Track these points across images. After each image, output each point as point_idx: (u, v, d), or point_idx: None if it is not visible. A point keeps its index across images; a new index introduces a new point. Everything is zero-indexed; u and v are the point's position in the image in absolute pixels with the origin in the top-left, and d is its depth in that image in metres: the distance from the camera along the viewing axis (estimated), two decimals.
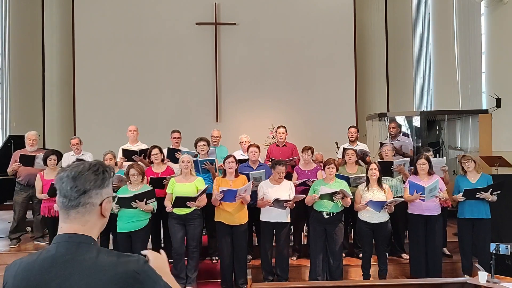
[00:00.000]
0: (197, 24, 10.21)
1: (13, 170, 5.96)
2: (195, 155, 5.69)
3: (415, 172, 5.15)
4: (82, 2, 10.22)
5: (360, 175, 5.35)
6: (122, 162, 5.92)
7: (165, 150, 5.79)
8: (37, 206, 5.91)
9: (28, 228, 6.72)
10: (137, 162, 5.54)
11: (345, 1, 10.50)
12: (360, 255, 5.37)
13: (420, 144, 7.28)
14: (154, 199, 4.84)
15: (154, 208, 4.89)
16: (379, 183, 5.01)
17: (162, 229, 5.57)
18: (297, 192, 5.16)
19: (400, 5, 10.91)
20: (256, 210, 5.23)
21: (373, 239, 5.09)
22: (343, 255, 5.38)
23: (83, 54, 10.18)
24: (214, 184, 5.07)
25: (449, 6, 8.68)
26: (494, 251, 4.46)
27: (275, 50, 10.34)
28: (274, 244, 5.20)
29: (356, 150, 5.76)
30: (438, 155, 7.24)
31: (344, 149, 5.99)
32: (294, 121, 9.45)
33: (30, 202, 6.11)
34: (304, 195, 5.09)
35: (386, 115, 8.23)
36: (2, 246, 6.11)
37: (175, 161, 5.66)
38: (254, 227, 5.62)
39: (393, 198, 4.95)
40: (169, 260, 5.67)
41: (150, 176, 5.31)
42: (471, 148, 7.51)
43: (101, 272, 1.26)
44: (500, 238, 5.39)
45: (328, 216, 4.95)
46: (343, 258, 5.27)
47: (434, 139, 7.92)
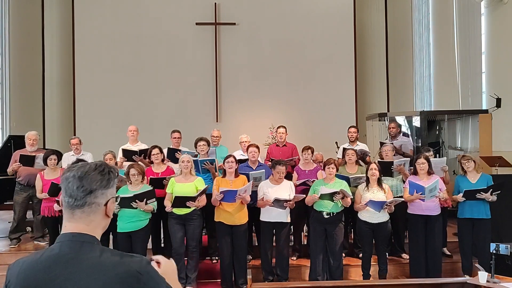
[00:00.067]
0: (197, 24, 10.21)
1: (13, 170, 5.96)
2: (195, 155, 5.69)
3: (415, 172, 5.15)
4: (82, 2, 10.23)
5: (360, 175, 5.35)
6: (122, 162, 5.92)
7: (165, 150, 5.79)
8: (37, 206, 5.91)
9: (28, 228, 6.72)
10: (137, 162, 5.54)
11: (345, 1, 10.51)
12: (360, 255, 5.37)
13: (420, 144, 7.27)
14: (154, 199, 4.85)
15: (154, 208, 4.89)
16: (379, 183, 5.01)
17: (162, 229, 5.57)
18: (297, 192, 5.16)
19: (400, 5, 10.90)
20: (256, 210, 5.23)
21: (373, 239, 5.09)
22: (343, 255, 5.38)
23: (83, 54, 10.19)
24: (214, 184, 5.07)
25: (449, 6, 8.67)
26: (494, 251, 4.47)
27: (275, 50, 10.35)
28: (274, 244, 5.20)
29: (356, 150, 5.76)
30: (438, 155, 7.23)
31: (344, 149, 5.99)
32: (294, 121, 9.45)
33: (30, 202, 6.11)
34: (304, 195, 5.09)
35: (386, 115, 8.22)
36: (2, 246, 6.11)
37: (175, 161, 5.66)
38: (254, 227, 5.62)
39: (393, 198, 4.95)
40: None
41: (150, 177, 5.31)
42: (471, 148, 7.50)
43: (104, 271, 1.26)
44: (500, 238, 5.38)
45: (328, 216, 4.95)
46: (343, 258, 5.26)
47: (434, 139, 7.91)
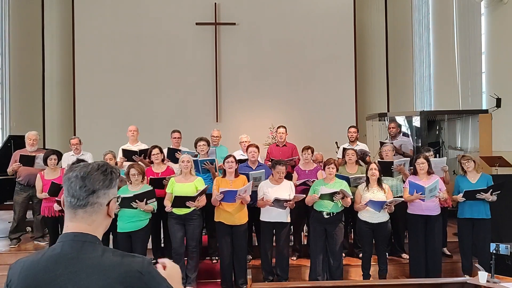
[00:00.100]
0: (197, 24, 10.21)
1: (13, 170, 5.96)
2: (195, 155, 5.70)
3: (415, 172, 5.15)
4: (82, 2, 10.23)
5: (360, 175, 5.35)
6: (122, 162, 5.92)
7: (165, 150, 5.79)
8: (37, 206, 5.91)
9: (28, 228, 6.72)
10: (137, 162, 5.54)
11: (345, 1, 10.51)
12: (360, 255, 5.37)
13: (420, 144, 7.27)
14: (154, 199, 4.85)
15: (154, 208, 4.89)
16: (379, 183, 5.01)
17: (162, 229, 5.57)
18: (297, 192, 5.16)
19: (400, 5, 10.90)
20: (256, 210, 5.23)
21: (373, 239, 5.09)
22: (343, 255, 5.38)
23: (83, 54, 10.19)
24: (214, 184, 5.07)
25: (449, 6, 8.67)
26: (494, 251, 4.47)
27: (275, 50, 10.35)
28: (274, 244, 5.20)
29: (356, 150, 5.76)
30: (438, 155, 7.23)
31: (344, 149, 5.99)
32: (294, 121, 9.46)
33: (30, 202, 6.11)
34: (304, 195, 5.08)
35: (386, 115, 8.22)
36: (2, 246, 6.11)
37: (175, 161, 5.66)
38: (254, 227, 5.62)
39: (393, 198, 4.95)
40: None
41: (149, 177, 5.31)
42: (471, 148, 7.50)
43: (105, 270, 1.27)
44: (500, 238, 5.38)
45: (328, 216, 4.95)
46: (343, 258, 5.26)
47: (434, 139, 7.91)
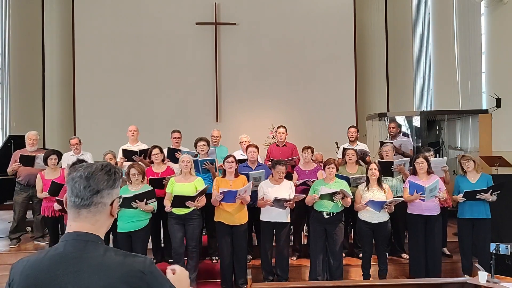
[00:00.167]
0: (197, 24, 10.21)
1: (13, 170, 5.96)
2: (195, 155, 5.70)
3: (415, 172, 5.15)
4: (82, 2, 10.23)
5: (360, 175, 5.35)
6: (122, 162, 5.92)
7: (165, 150, 5.79)
8: (37, 206, 5.91)
9: (28, 228, 6.72)
10: (137, 162, 5.54)
11: (345, 1, 10.51)
12: (360, 255, 5.37)
13: (420, 144, 7.27)
14: (154, 199, 4.84)
15: (155, 208, 4.89)
16: (379, 183, 5.01)
17: (162, 229, 5.57)
18: (297, 192, 5.16)
19: (400, 5, 10.90)
20: (256, 210, 5.23)
21: (373, 239, 5.09)
22: (343, 255, 5.38)
23: (83, 54, 10.19)
24: (214, 184, 5.07)
25: (449, 6, 8.67)
26: (494, 251, 4.46)
27: (275, 50, 10.35)
28: (274, 244, 5.20)
29: (356, 150, 5.76)
30: (438, 155, 7.24)
31: (344, 149, 5.99)
32: (294, 121, 9.46)
33: (30, 202, 6.11)
34: (304, 195, 5.08)
35: (386, 115, 8.22)
36: (2, 246, 6.11)
37: (175, 161, 5.66)
38: (254, 227, 5.62)
39: (393, 198, 4.95)
40: (168, 260, 5.59)
41: (149, 177, 5.31)
42: (471, 148, 7.50)
43: (108, 270, 1.27)
44: (500, 238, 5.38)
45: (328, 216, 4.95)
46: (343, 258, 5.26)
47: (434, 139, 7.91)
